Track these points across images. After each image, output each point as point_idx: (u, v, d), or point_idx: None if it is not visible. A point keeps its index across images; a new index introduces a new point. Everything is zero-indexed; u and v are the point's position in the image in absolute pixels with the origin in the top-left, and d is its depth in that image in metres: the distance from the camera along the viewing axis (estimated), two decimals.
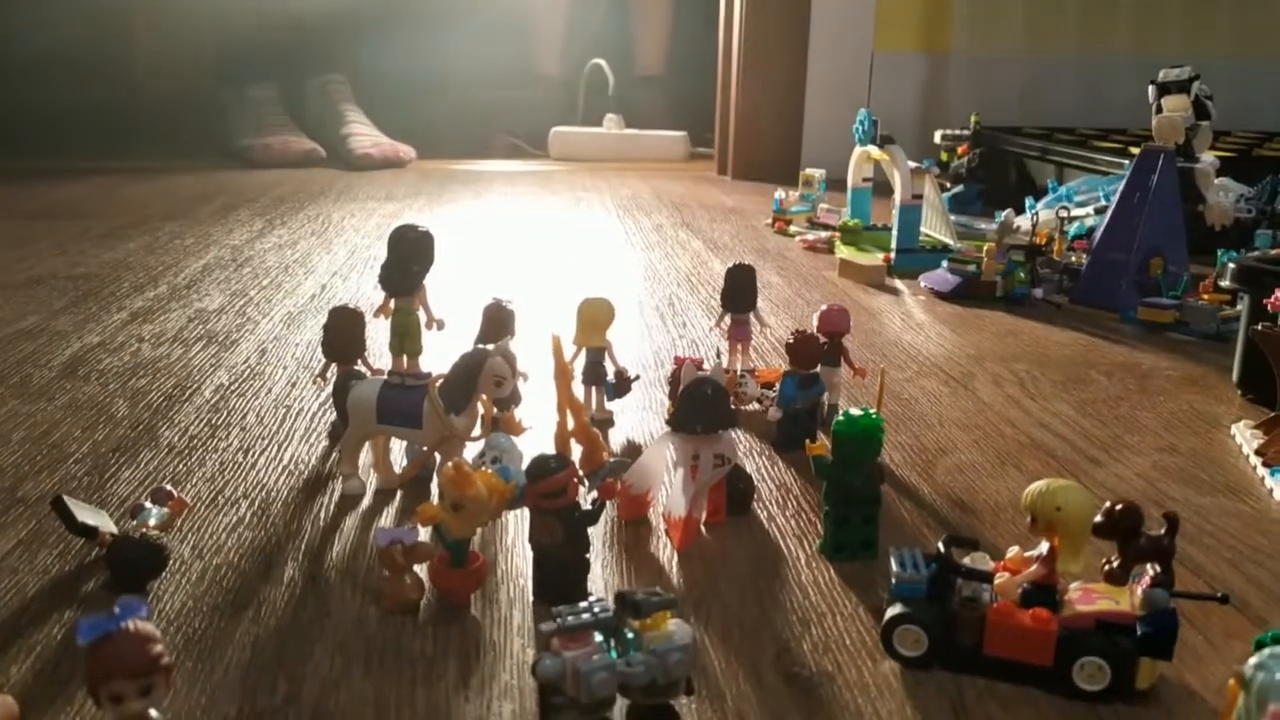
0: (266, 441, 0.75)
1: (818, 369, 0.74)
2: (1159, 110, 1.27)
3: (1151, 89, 1.29)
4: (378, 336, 0.91)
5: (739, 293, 0.83)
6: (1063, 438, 0.80)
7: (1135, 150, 1.71)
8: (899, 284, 1.29)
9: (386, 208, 1.76)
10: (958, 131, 1.90)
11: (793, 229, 1.60)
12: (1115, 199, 1.21)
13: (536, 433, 0.69)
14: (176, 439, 0.75)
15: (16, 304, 1.12)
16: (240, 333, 1.03)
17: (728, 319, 0.84)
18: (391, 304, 0.72)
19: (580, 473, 0.57)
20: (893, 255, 1.35)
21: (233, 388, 0.86)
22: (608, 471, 0.59)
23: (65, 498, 0.56)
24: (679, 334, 1.05)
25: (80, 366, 0.91)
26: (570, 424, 0.61)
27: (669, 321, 1.09)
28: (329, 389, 0.76)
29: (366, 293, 1.19)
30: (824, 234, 1.52)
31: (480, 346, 0.62)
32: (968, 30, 2.19)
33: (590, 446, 0.60)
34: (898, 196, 1.36)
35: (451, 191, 1.96)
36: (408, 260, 0.69)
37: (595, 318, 0.78)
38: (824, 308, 0.79)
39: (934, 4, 2.19)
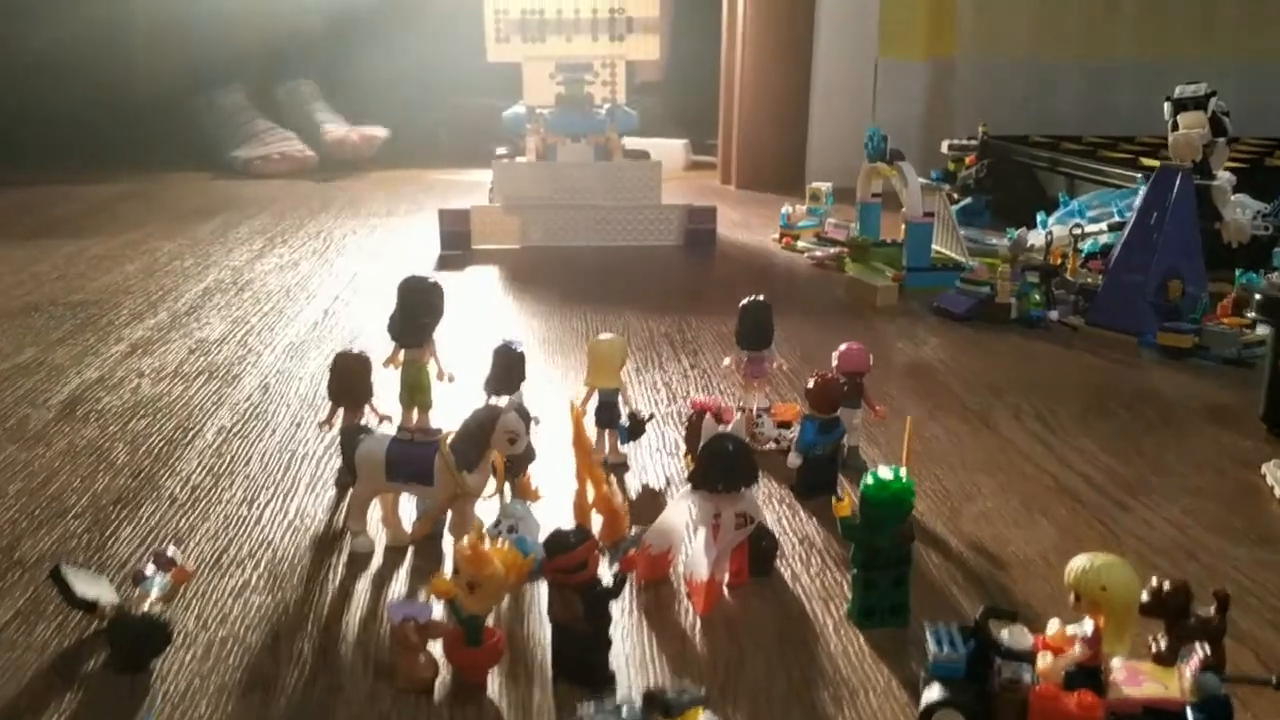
0: (271, 491, 0.73)
1: (838, 412, 0.72)
2: (1175, 127, 1.25)
3: (1167, 106, 1.27)
4: (384, 381, 0.88)
5: (755, 330, 0.80)
6: (1088, 480, 0.77)
7: (1146, 162, 1.70)
8: (910, 304, 1.27)
9: (388, 223, 1.74)
10: (965, 141, 1.88)
11: (800, 244, 1.58)
12: (1131, 218, 1.19)
13: (553, 498, 0.67)
14: (178, 489, 0.73)
15: (14, 334, 1.10)
16: (242, 365, 1.00)
17: (743, 356, 0.81)
18: (401, 355, 0.69)
19: (601, 545, 0.54)
20: (904, 274, 1.33)
21: (235, 429, 0.84)
22: (629, 544, 0.57)
23: (63, 566, 0.54)
24: (690, 363, 1.03)
25: (79, 406, 0.89)
26: (590, 495, 0.59)
27: (679, 350, 1.07)
28: (334, 433, 0.74)
29: (368, 320, 1.17)
30: (832, 250, 1.49)
31: (493, 403, 0.60)
32: (972, 37, 2.16)
33: (611, 518, 0.58)
34: (908, 213, 1.34)
35: (453, 204, 1.93)
36: (417, 312, 0.67)
37: (607, 358, 0.76)
38: (843, 347, 0.76)
39: (938, 11, 2.16)
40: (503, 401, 0.67)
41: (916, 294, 1.29)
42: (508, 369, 0.74)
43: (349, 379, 0.71)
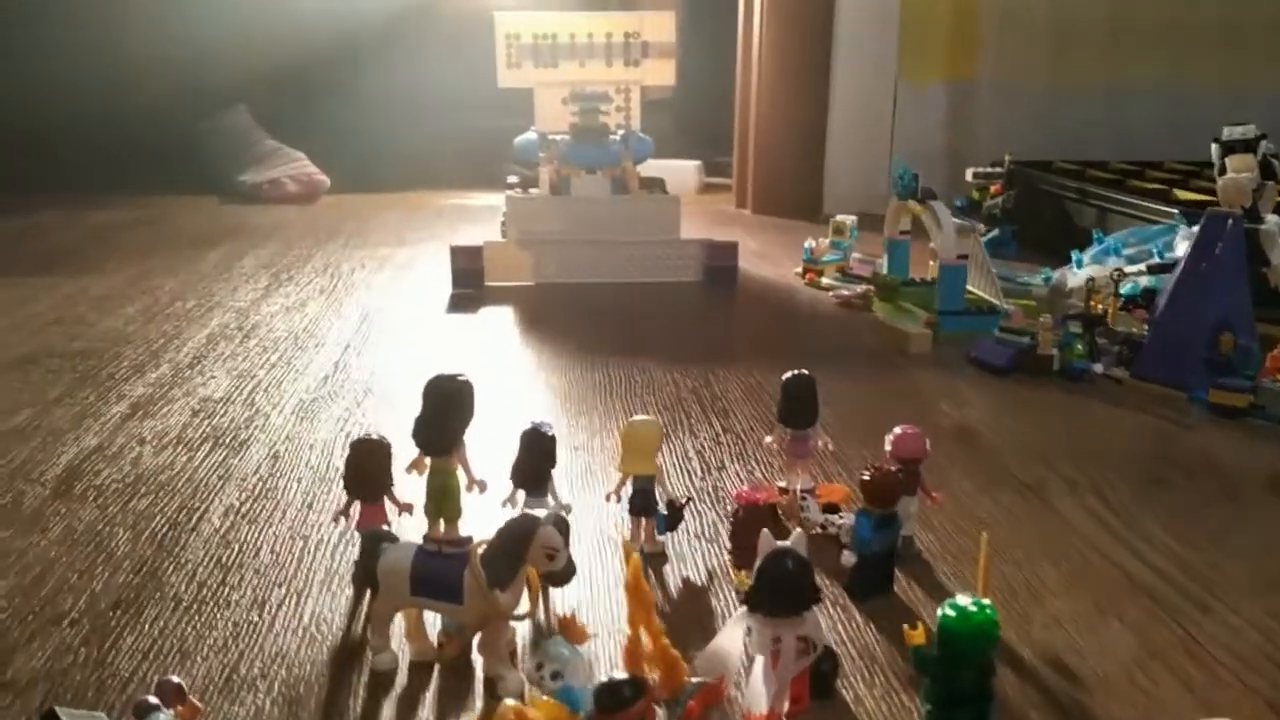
0: (283, 590, 0.68)
1: (896, 507, 0.67)
2: (1223, 171, 1.20)
3: (1215, 148, 1.22)
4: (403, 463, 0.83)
5: (798, 407, 0.75)
6: (1159, 571, 0.72)
7: (1179, 194, 1.65)
8: (945, 351, 1.21)
9: (398, 255, 1.69)
10: (990, 169, 1.83)
11: (825, 281, 1.52)
12: (1178, 266, 1.13)
13: (601, 638, 0.61)
14: (183, 587, 0.68)
15: (10, 390, 1.05)
16: (249, 429, 0.95)
17: (786, 434, 0.76)
18: (427, 461, 0.64)
19: (659, 699, 0.49)
20: (937, 318, 1.28)
21: (243, 510, 0.79)
22: (690, 694, 0.52)
23: (58, 710, 0.49)
24: (721, 425, 0.97)
25: (76, 480, 0.84)
26: (646, 645, 0.54)
27: (709, 409, 1.02)
28: (350, 523, 0.69)
29: (381, 369, 1.12)
30: (859, 288, 1.44)
31: (529, 513, 0.55)
32: (994, 59, 2.11)
33: (669, 669, 0.52)
34: (941, 255, 1.29)
35: (463, 231, 1.89)
36: (446, 418, 0.61)
37: (643, 443, 0.71)
38: (898, 431, 0.71)
39: (959, 33, 2.11)
40: (535, 509, 0.61)
41: (950, 339, 1.24)
42: (537, 456, 0.68)
43: (367, 470, 0.65)
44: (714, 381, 1.10)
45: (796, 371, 0.76)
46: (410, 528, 0.69)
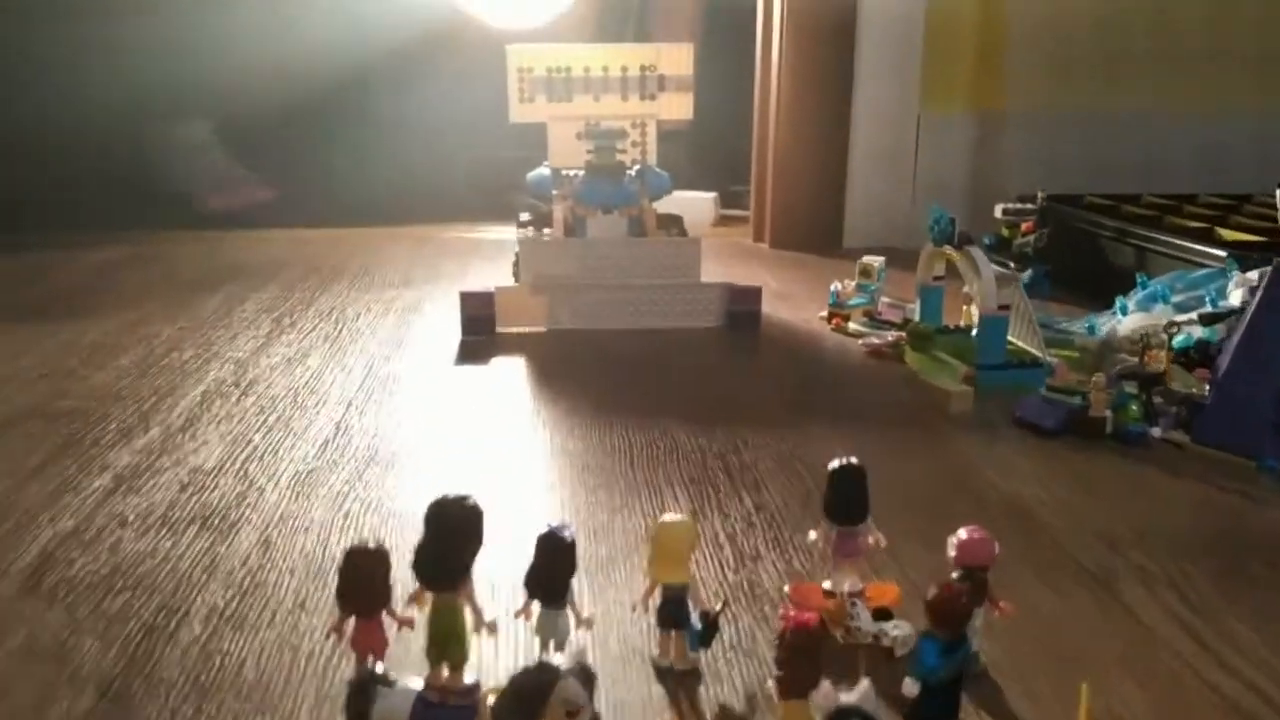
0: (268, 718, 0.60)
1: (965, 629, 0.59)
2: None
3: None
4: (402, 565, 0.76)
5: (848, 501, 0.67)
6: (1253, 687, 0.64)
7: (1224, 233, 1.57)
8: (986, 408, 1.13)
9: (405, 297, 1.62)
10: (1020, 205, 1.75)
11: (852, 326, 1.45)
12: (1241, 320, 1.05)
13: None
14: (154, 716, 0.60)
15: None
16: (240, 508, 0.88)
17: (833, 530, 0.68)
18: (428, 595, 0.56)
19: None
20: (976, 372, 1.20)
21: (228, 611, 0.71)
22: None
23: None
24: (753, 502, 0.89)
25: (48, 572, 0.76)
26: None
27: (738, 481, 0.94)
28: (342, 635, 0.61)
29: (384, 432, 1.04)
30: (889, 335, 1.36)
31: (547, 660, 0.47)
32: (1022, 88, 2.04)
33: None
34: (981, 306, 1.21)
35: (474, 269, 1.82)
36: (451, 546, 0.54)
37: (675, 547, 0.63)
38: (963, 535, 0.63)
39: (985, 61, 2.04)
40: (553, 620, 0.54)
41: (990, 394, 1.16)
42: (555, 564, 0.61)
43: (363, 582, 0.58)
44: (742, 447, 1.02)
45: (845, 461, 0.68)
46: (406, 653, 0.61)
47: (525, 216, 1.68)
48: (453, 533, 0.53)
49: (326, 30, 2.44)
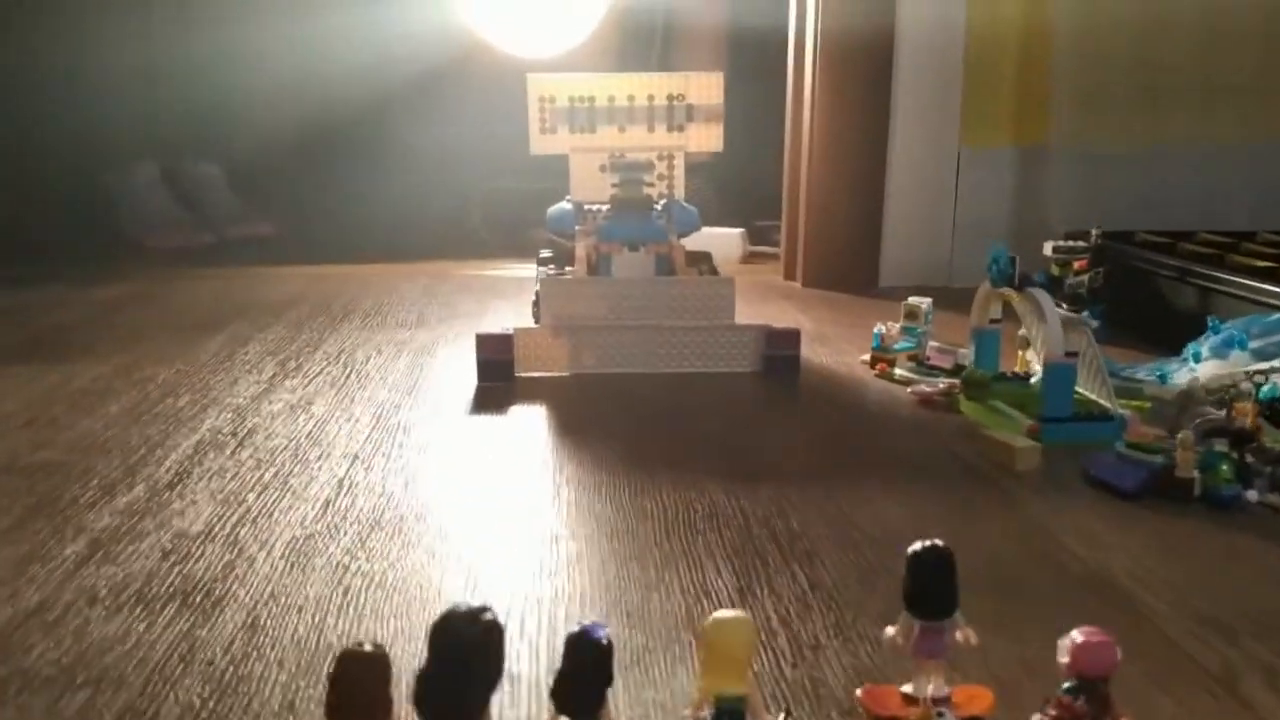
0: None
1: None
2: None
3: None
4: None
5: (934, 592, 0.57)
6: None
7: None
8: (1056, 466, 1.03)
9: (418, 338, 1.53)
10: (1072, 243, 1.64)
11: (898, 372, 1.34)
12: None
13: None
14: None
15: None
16: (227, 581, 0.78)
17: (915, 625, 0.58)
18: None
19: None
20: (1041, 425, 1.09)
21: (204, 713, 0.61)
22: None
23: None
24: (807, 577, 0.79)
25: (1, 663, 0.66)
26: None
27: (789, 553, 0.83)
28: None
29: (391, 491, 0.94)
30: (941, 382, 1.26)
31: None
32: (1068, 120, 1.94)
33: None
34: (1047, 353, 1.11)
35: (491, 309, 1.73)
36: (461, 675, 0.44)
37: (731, 651, 0.53)
38: (1078, 638, 0.53)
39: (1028, 92, 1.94)
40: None
41: (1057, 449, 1.05)
42: (589, 672, 0.50)
43: (357, 696, 0.47)
44: (789, 510, 0.91)
45: (928, 544, 0.58)
46: None
47: (546, 253, 1.59)
48: (465, 662, 0.43)
49: (339, 60, 2.38)
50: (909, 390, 1.27)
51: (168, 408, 1.19)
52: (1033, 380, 1.24)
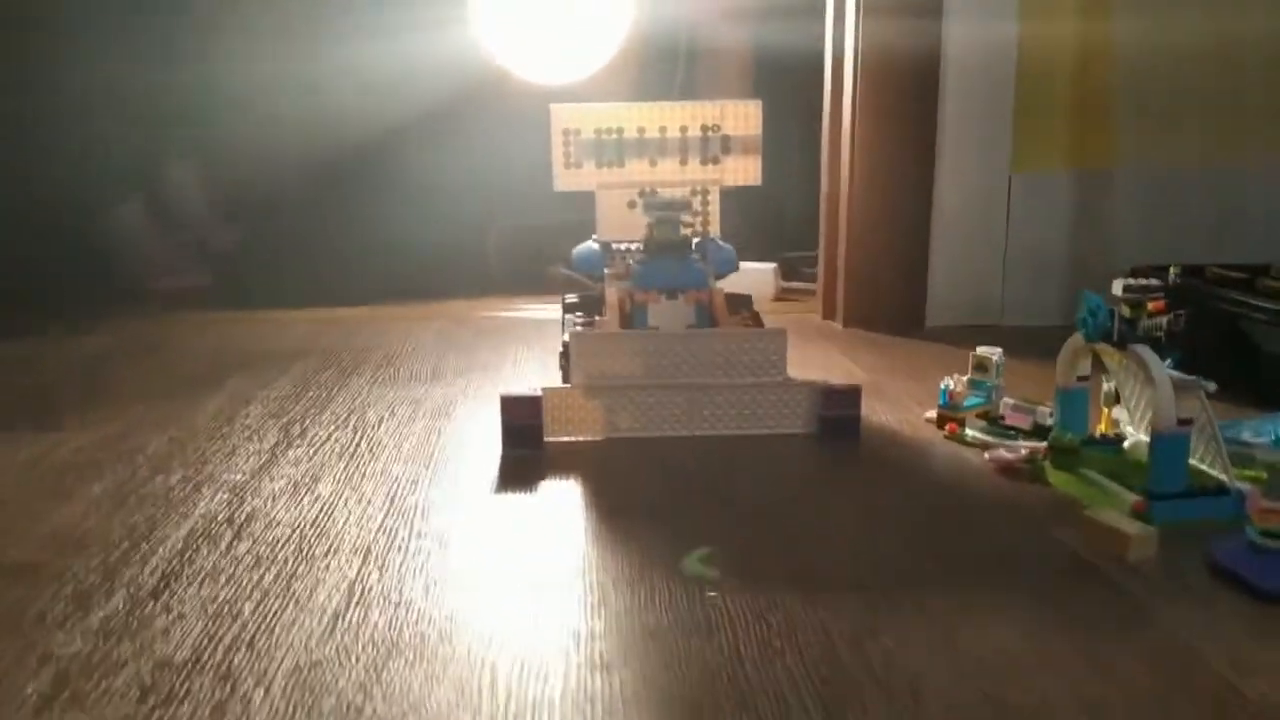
0: None
1: None
2: None
3: None
4: None
5: None
6: None
7: None
8: (1173, 553, 0.89)
9: (434, 395, 1.40)
10: (1146, 281, 1.50)
11: (970, 433, 1.21)
12: None
13: None
14: None
15: None
16: None
17: None
18: None
19: None
20: (1148, 501, 0.95)
21: None
22: None
23: None
24: (912, 715, 0.65)
25: None
26: None
27: (886, 683, 0.69)
28: None
29: (410, 602, 0.81)
30: (1022, 447, 1.12)
31: None
32: (1135, 140, 1.80)
33: None
34: (1157, 422, 0.97)
35: (513, 356, 1.60)
36: None
37: None
38: None
39: (1088, 111, 1.81)
40: None
41: (1170, 531, 0.91)
42: None
43: None
44: (878, 625, 0.77)
45: None
46: None
47: (572, 298, 1.46)
48: None
49: (346, 91, 2.26)
50: (986, 456, 1.13)
51: (157, 488, 1.06)
52: (1126, 444, 1.11)
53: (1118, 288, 1.55)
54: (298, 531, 0.95)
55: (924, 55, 1.76)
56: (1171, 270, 1.48)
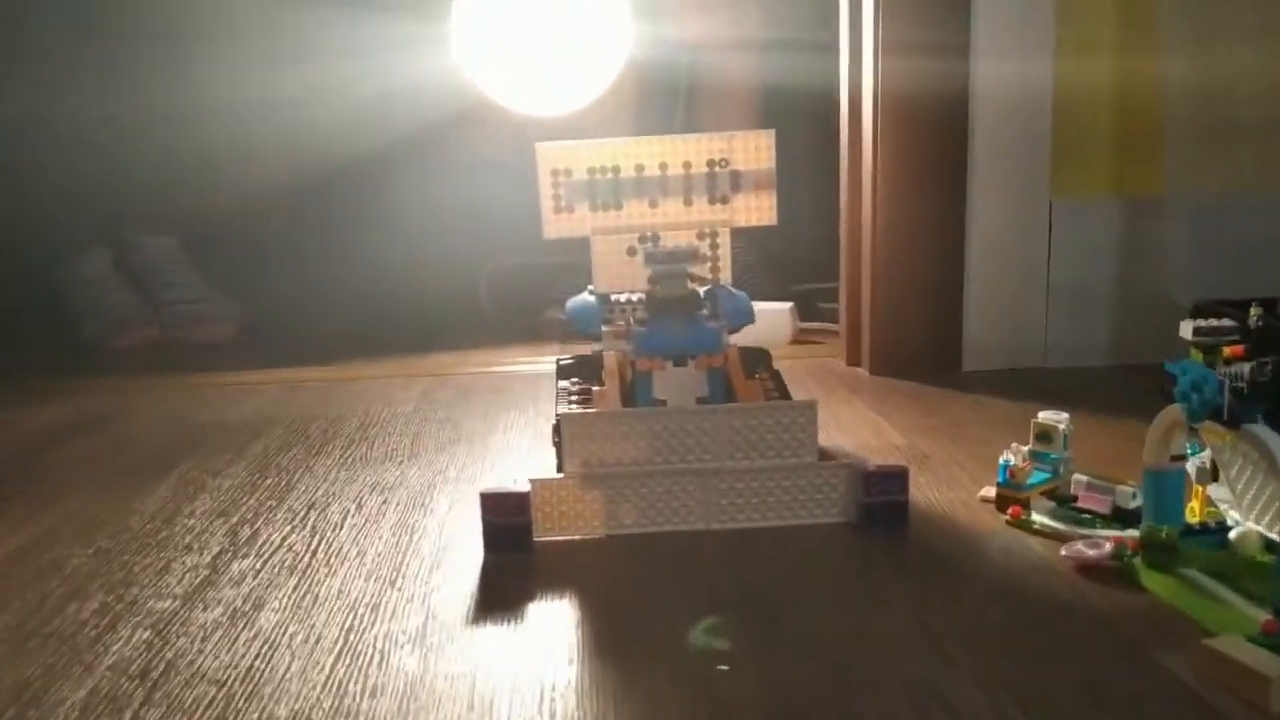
0: None
1: None
2: None
3: None
4: None
5: None
6: None
7: None
8: None
9: (409, 480, 1.22)
10: (1219, 323, 1.32)
11: (1037, 519, 1.02)
12: None
13: None
14: None
15: None
16: None
17: None
18: None
19: None
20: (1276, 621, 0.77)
21: None
22: None
23: None
24: None
25: None
26: None
27: None
28: None
29: None
30: (1106, 540, 0.93)
31: None
32: (1188, 162, 1.62)
33: None
34: (1269, 514, 0.78)
35: (503, 424, 1.42)
36: None
37: None
38: None
39: (1134, 133, 1.63)
40: None
41: None
42: None
43: None
44: None
45: None
46: None
47: (566, 360, 1.29)
48: None
49: (322, 123, 2.09)
50: (1063, 552, 0.94)
51: (66, 623, 0.88)
52: (1232, 535, 0.92)
53: (1186, 330, 1.35)
54: (225, 690, 0.76)
55: (952, 91, 1.58)
56: (1253, 312, 1.29)
